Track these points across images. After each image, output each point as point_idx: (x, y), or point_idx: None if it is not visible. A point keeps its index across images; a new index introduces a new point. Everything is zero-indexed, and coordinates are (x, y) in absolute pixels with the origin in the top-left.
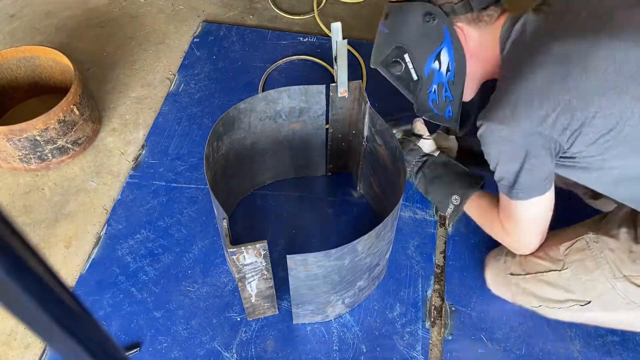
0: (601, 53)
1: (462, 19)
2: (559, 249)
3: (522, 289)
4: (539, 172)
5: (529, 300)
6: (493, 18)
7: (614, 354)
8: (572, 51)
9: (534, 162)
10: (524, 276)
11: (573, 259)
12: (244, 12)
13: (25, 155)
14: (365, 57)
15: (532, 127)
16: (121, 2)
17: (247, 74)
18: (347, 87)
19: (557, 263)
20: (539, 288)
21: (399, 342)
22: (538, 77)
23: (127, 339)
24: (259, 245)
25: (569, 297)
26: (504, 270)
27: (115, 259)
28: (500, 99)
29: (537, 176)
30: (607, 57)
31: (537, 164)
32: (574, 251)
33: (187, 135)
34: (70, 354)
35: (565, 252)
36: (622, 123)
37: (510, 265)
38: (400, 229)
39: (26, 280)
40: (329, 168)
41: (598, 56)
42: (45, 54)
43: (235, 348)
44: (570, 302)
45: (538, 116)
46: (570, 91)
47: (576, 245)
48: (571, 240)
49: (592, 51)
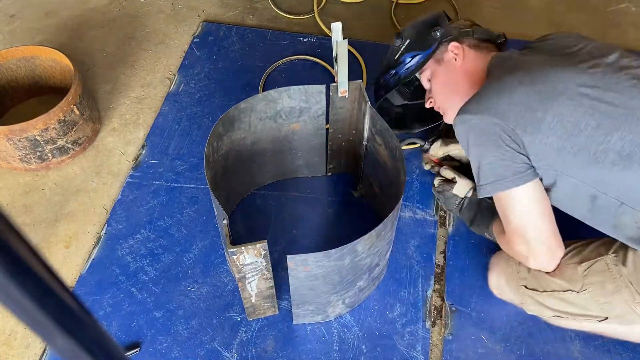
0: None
1: (464, 41)
2: (577, 269)
3: (535, 301)
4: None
5: (541, 310)
6: (489, 51)
7: (614, 354)
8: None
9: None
10: (540, 292)
11: (592, 280)
12: (244, 12)
13: (25, 155)
14: (365, 57)
15: (498, 118)
16: (121, 2)
17: (247, 74)
18: (347, 87)
19: (575, 284)
20: (555, 304)
21: (399, 342)
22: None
23: (127, 339)
24: (259, 245)
25: (586, 312)
26: (516, 280)
27: (115, 259)
28: (473, 97)
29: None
30: (570, 78)
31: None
32: (593, 272)
33: (187, 135)
34: (70, 354)
35: (585, 272)
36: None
37: (526, 276)
38: (400, 229)
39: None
40: (329, 168)
41: (563, 76)
42: (45, 54)
43: (236, 348)
44: (587, 316)
45: (502, 110)
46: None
47: (595, 266)
48: (590, 261)
49: (557, 72)
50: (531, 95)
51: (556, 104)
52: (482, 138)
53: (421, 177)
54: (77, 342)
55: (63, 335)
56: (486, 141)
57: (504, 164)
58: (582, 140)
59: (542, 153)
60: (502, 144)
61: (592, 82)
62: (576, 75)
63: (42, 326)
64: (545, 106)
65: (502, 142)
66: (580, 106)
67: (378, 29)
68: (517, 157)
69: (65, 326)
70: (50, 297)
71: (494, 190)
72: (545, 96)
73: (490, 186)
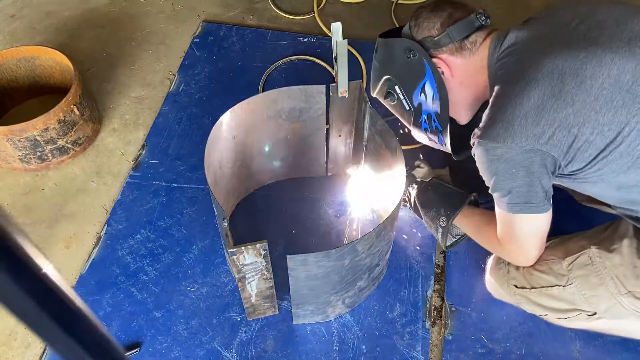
0: (595, 67)
1: (445, 51)
2: (562, 263)
3: (527, 299)
4: (537, 189)
5: (534, 309)
6: (477, 44)
7: (614, 354)
8: (565, 66)
9: (532, 178)
10: (529, 290)
11: (577, 274)
12: (244, 12)
13: (25, 155)
14: (365, 57)
15: (528, 144)
16: (121, 2)
17: (247, 74)
18: (347, 87)
19: (561, 278)
20: (544, 300)
21: (399, 342)
22: (532, 94)
23: (127, 339)
24: (259, 245)
25: (575, 307)
26: (506, 281)
27: (115, 259)
28: (493, 117)
29: (535, 192)
30: (601, 71)
31: (535, 181)
32: (577, 266)
33: (187, 135)
34: (70, 354)
35: (569, 267)
36: (620, 138)
37: (515, 276)
38: (401, 229)
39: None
40: (329, 168)
41: (592, 70)
42: (45, 54)
43: (236, 348)
44: (577, 311)
45: (534, 133)
46: (566, 107)
47: (579, 260)
48: (574, 255)
49: (585, 66)
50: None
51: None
52: (513, 168)
53: None
54: (77, 342)
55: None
56: (518, 170)
57: (533, 189)
58: (623, 147)
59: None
60: (535, 170)
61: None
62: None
63: (42, 326)
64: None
65: (536, 167)
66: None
67: (378, 29)
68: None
69: (65, 326)
70: (50, 297)
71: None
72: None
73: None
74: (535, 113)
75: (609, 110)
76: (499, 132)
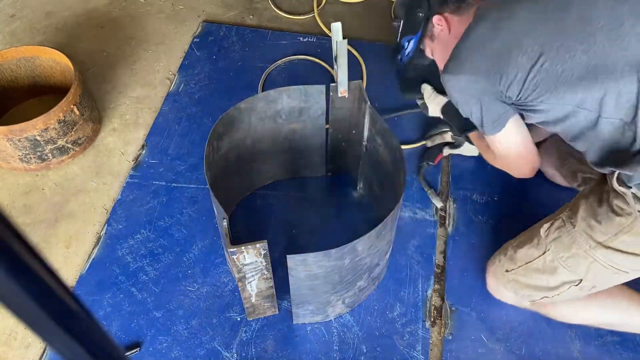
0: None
1: (446, 9)
2: (540, 231)
3: (520, 283)
4: (494, 111)
5: (529, 293)
6: (473, 3)
7: (614, 354)
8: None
9: (482, 104)
10: (517, 269)
11: (552, 238)
12: (244, 12)
13: (25, 155)
14: (365, 57)
15: (471, 74)
16: (121, 2)
17: (247, 74)
18: (347, 87)
19: (540, 248)
20: (532, 278)
21: (399, 342)
22: (477, 28)
23: (127, 339)
24: (259, 245)
25: (561, 279)
26: (500, 270)
27: (115, 259)
28: (452, 53)
29: (494, 114)
30: (530, 4)
31: (489, 105)
32: (552, 230)
33: (187, 135)
34: (70, 354)
35: (545, 232)
36: (542, 58)
37: (505, 263)
38: (400, 229)
39: (26, 280)
40: (329, 168)
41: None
42: (45, 54)
43: (236, 348)
44: (565, 285)
45: (472, 64)
46: (499, 35)
47: (554, 225)
48: (550, 222)
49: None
50: (494, 35)
51: (521, 36)
52: (467, 96)
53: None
54: (77, 342)
55: (63, 335)
56: (471, 98)
57: (490, 113)
58: (547, 65)
59: (522, 94)
60: (482, 96)
61: None
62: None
63: (42, 326)
64: (508, 44)
65: (481, 94)
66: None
67: (378, 29)
68: (498, 106)
69: (65, 326)
70: (50, 297)
71: (491, 132)
72: (507, 34)
73: (485, 128)
74: (477, 46)
75: (534, 32)
76: (450, 66)
